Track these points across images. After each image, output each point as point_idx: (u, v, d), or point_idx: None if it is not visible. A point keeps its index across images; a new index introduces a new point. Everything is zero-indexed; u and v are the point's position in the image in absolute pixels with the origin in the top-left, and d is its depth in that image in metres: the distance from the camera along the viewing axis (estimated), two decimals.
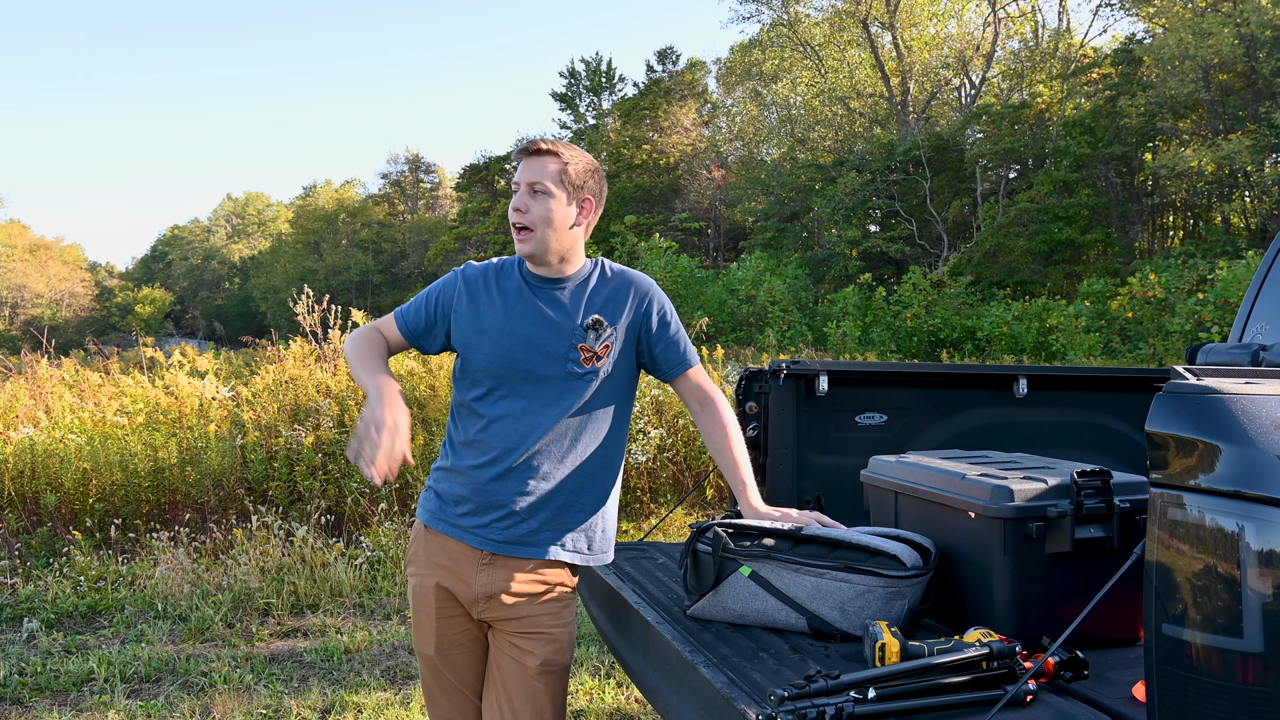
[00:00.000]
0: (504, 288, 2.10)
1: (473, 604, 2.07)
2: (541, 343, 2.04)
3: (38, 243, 60.52)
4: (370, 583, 5.34)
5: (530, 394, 2.04)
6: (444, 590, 2.08)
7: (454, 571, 2.07)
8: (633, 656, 2.25)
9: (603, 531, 2.13)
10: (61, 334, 42.66)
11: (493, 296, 2.09)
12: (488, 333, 2.06)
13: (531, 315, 2.06)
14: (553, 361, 2.04)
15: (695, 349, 2.46)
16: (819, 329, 19.64)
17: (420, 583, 2.11)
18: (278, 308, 44.27)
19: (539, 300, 2.07)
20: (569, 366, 2.04)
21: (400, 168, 54.98)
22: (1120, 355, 14.33)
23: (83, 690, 3.99)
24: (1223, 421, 1.29)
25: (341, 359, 7.38)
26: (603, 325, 2.07)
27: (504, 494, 2.03)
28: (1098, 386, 3.20)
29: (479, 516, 2.04)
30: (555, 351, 2.04)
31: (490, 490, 2.03)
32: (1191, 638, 1.29)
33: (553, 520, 2.06)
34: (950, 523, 2.06)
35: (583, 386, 2.06)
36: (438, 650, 2.10)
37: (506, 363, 2.04)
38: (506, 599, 2.05)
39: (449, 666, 2.11)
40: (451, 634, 2.10)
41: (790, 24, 31.07)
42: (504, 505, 2.03)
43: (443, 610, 2.08)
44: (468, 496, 2.05)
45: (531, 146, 2.04)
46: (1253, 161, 17.99)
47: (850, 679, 1.54)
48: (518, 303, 2.07)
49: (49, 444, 6.06)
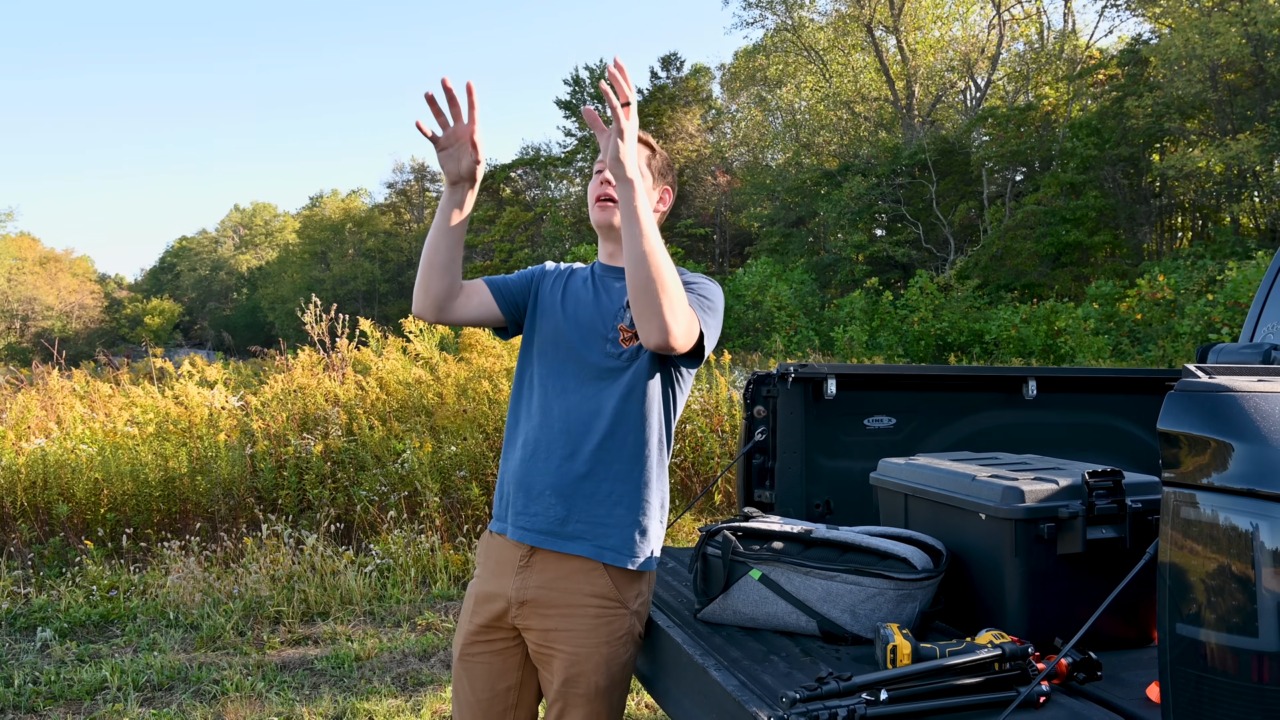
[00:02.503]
0: (572, 283, 2.14)
1: (507, 610, 2.02)
2: (587, 323, 2.05)
3: (48, 255, 60.86)
4: (380, 590, 5.35)
5: (572, 375, 2.02)
6: (483, 594, 2.06)
7: (497, 576, 2.04)
8: (643, 661, 2.24)
9: (643, 533, 1.99)
10: (72, 346, 42.90)
11: (558, 284, 2.14)
12: (546, 312, 2.10)
13: (585, 299, 2.09)
14: (594, 341, 2.03)
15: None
16: (826, 334, 19.62)
17: (473, 583, 2.12)
18: (285, 318, 44.44)
19: (597, 286, 2.11)
20: (608, 346, 2.02)
21: (406, 177, 55.17)
22: (1129, 357, 14.27)
23: (96, 699, 4.00)
24: (1236, 419, 1.28)
25: (350, 367, 7.40)
26: None
27: (536, 476, 1.99)
28: (1107, 388, 3.18)
29: (516, 503, 2.03)
30: (597, 331, 2.03)
31: (524, 471, 2.01)
32: (1206, 637, 1.28)
33: (583, 511, 1.96)
34: (961, 524, 2.05)
35: (622, 372, 2.00)
36: (461, 654, 2.08)
37: (556, 342, 2.05)
38: (534, 608, 1.98)
39: (467, 674, 2.07)
40: (478, 639, 2.05)
41: (794, 29, 31.11)
42: (536, 488, 1.99)
43: (478, 613, 2.06)
44: (509, 482, 2.05)
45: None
46: (1261, 161, 17.94)
47: (862, 680, 1.54)
48: (578, 290, 2.11)
49: (61, 454, 6.09)
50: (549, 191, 41.29)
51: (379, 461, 6.32)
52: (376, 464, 6.30)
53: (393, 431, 6.52)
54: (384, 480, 6.14)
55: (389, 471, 6.18)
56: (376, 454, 6.35)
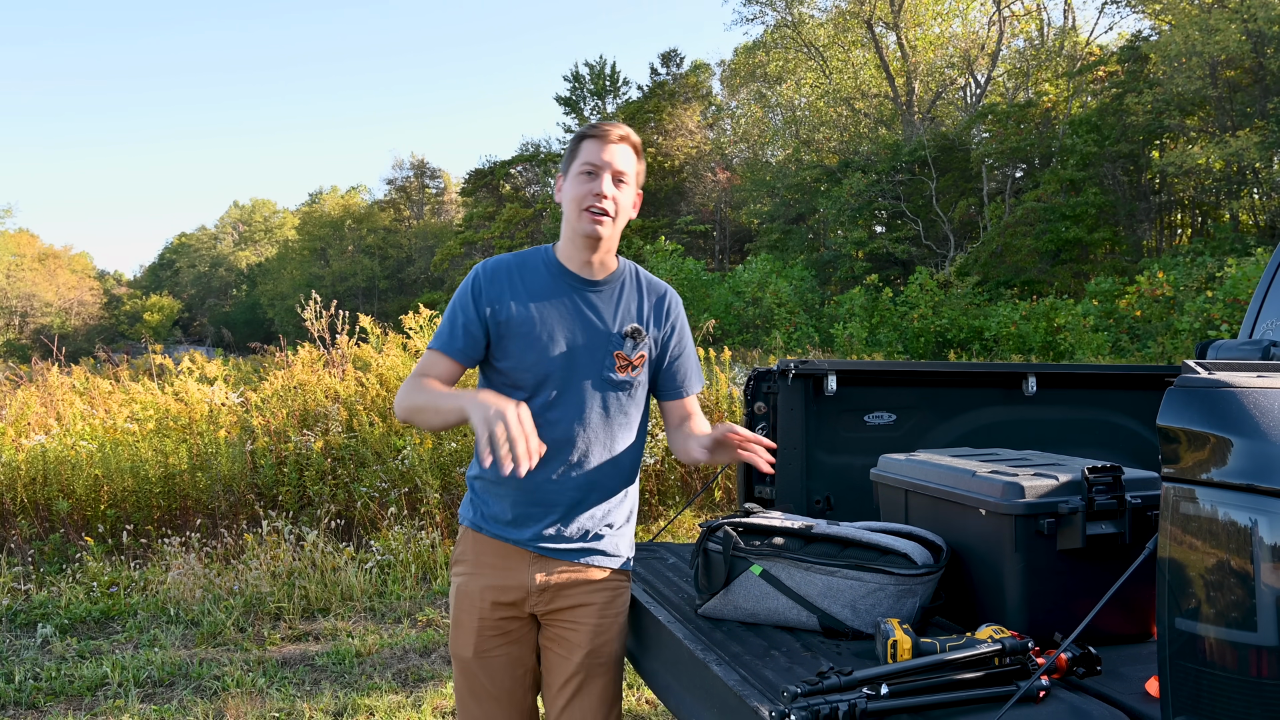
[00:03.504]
0: (532, 286, 2.01)
1: (524, 599, 2.04)
2: (579, 348, 1.99)
3: (47, 251, 60.80)
4: (380, 587, 5.36)
5: (567, 399, 1.99)
6: (493, 590, 2.04)
7: (505, 569, 2.03)
8: (644, 656, 2.25)
9: (631, 539, 2.17)
10: (71, 342, 42.83)
11: (520, 296, 1.99)
12: (523, 335, 1.98)
13: (569, 318, 2.00)
14: (590, 367, 2.00)
15: (701, 353, 2.47)
16: (825, 330, 19.62)
17: (466, 583, 2.06)
18: (285, 314, 44.41)
19: (577, 302, 2.01)
20: (605, 374, 2.01)
21: (406, 173, 55.13)
22: (1129, 354, 14.27)
23: (97, 695, 4.00)
24: (1235, 415, 1.29)
25: (350, 364, 7.40)
26: (641, 335, 2.05)
27: (542, 500, 2.01)
28: (1107, 384, 3.19)
29: (519, 528, 2.02)
30: (593, 357, 2.00)
31: (529, 498, 2.01)
32: (1205, 632, 1.29)
33: (591, 529, 2.05)
34: (961, 520, 2.06)
35: (617, 395, 2.04)
36: (476, 653, 2.05)
37: (543, 367, 1.98)
38: (557, 589, 2.04)
39: (485, 670, 2.06)
40: (492, 636, 2.05)
41: (794, 25, 31.06)
42: (542, 511, 2.01)
43: (486, 611, 2.04)
44: (508, 506, 2.03)
45: (615, 131, 1.99)
46: (1261, 158, 17.93)
47: (863, 675, 1.54)
48: (552, 304, 1.99)
49: (61, 451, 6.09)
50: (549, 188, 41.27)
51: (379, 458, 6.32)
52: (377, 460, 6.31)
53: (393, 428, 6.52)
54: (384, 476, 6.15)
55: (389, 468, 6.18)
56: (377, 450, 6.36)
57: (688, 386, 2.17)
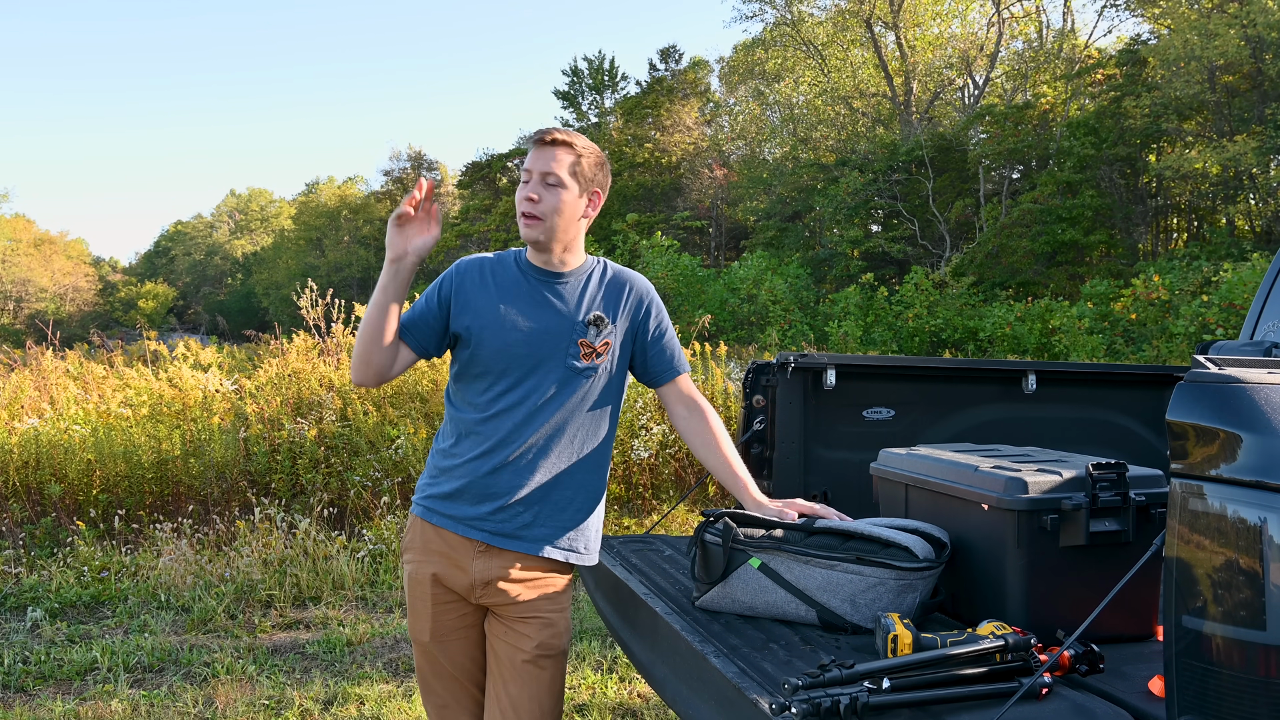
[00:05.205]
0: (501, 280, 2.09)
1: (470, 590, 2.07)
2: (542, 336, 2.03)
3: (42, 237, 60.47)
4: (372, 575, 5.34)
5: (530, 387, 2.03)
6: (440, 578, 2.07)
7: (451, 559, 2.06)
8: (640, 648, 2.24)
9: (596, 532, 2.15)
10: (65, 328, 42.53)
11: (489, 289, 2.07)
12: (488, 325, 2.04)
13: (532, 308, 2.05)
14: (553, 355, 2.03)
15: (696, 347, 2.46)
16: (820, 328, 19.60)
17: (416, 570, 2.10)
18: (280, 304, 44.27)
19: (543, 292, 2.07)
20: (569, 361, 2.04)
21: (403, 164, 54.88)
22: (1123, 357, 14.29)
23: (86, 679, 3.98)
24: (1245, 411, 1.27)
25: (345, 353, 7.37)
26: (604, 322, 2.07)
27: (500, 486, 2.03)
28: (1106, 383, 3.18)
29: (474, 507, 2.04)
30: (556, 345, 2.04)
31: (486, 482, 2.03)
32: (1212, 631, 1.27)
33: (548, 516, 2.05)
34: (963, 515, 2.04)
35: (581, 383, 2.05)
36: (433, 637, 2.09)
37: (506, 354, 2.03)
38: (503, 585, 2.04)
39: (444, 653, 2.11)
40: (447, 620, 2.09)
41: (793, 23, 31.01)
42: (500, 497, 2.03)
43: (439, 597, 2.08)
44: (464, 488, 2.04)
45: (547, 136, 2.03)
46: (1258, 163, 17.95)
47: (864, 669, 1.53)
48: (517, 295, 2.06)
49: (54, 435, 6.05)
50: None
51: (373, 447, 6.30)
52: (370, 449, 6.28)
53: (387, 417, 6.49)
54: (377, 465, 6.12)
55: (383, 457, 6.16)
56: (370, 439, 6.33)
57: (678, 364, 2.19)
